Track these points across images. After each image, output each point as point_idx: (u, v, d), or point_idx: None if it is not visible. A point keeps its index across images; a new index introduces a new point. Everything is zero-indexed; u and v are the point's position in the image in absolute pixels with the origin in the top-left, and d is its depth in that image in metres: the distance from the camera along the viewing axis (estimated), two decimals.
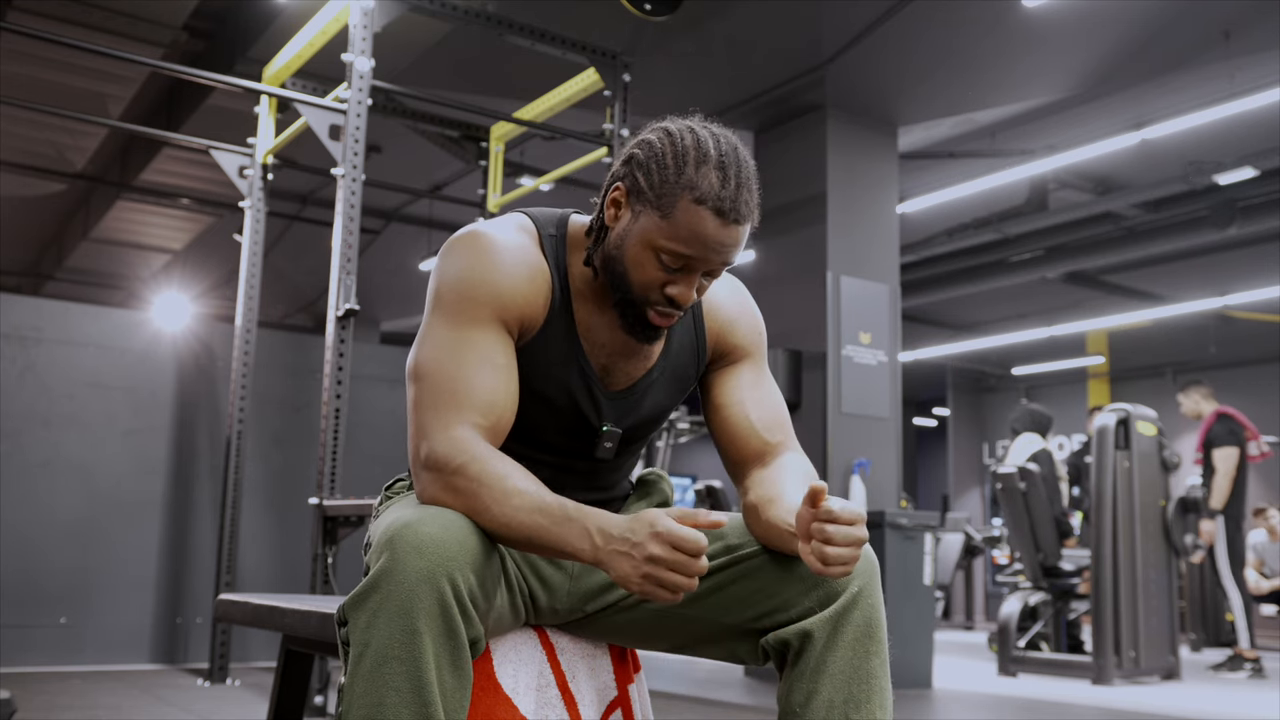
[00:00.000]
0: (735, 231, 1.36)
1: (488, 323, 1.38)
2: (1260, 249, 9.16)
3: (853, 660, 1.35)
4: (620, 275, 1.39)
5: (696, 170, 1.34)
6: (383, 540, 1.26)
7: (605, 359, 1.48)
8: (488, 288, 1.38)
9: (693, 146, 1.36)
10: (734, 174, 1.36)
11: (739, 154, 1.38)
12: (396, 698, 1.21)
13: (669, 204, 1.34)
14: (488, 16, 4.49)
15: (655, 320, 1.41)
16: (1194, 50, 5.87)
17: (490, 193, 5.55)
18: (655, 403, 1.53)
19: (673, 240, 1.34)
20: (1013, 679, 6.06)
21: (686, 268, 1.37)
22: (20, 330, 5.08)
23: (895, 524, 5.55)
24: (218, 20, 6.28)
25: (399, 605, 1.21)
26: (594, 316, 1.46)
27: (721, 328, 1.55)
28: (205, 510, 5.41)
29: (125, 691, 4.31)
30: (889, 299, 6.42)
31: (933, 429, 17.79)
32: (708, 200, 1.33)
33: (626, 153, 1.41)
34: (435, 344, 1.38)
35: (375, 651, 1.21)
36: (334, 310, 3.88)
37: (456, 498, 1.30)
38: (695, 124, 1.40)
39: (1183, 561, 6.65)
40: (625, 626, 1.52)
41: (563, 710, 1.49)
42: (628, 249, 1.38)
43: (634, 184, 1.38)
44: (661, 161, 1.35)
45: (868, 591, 1.38)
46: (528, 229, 1.47)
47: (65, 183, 8.81)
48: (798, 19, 5.57)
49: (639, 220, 1.37)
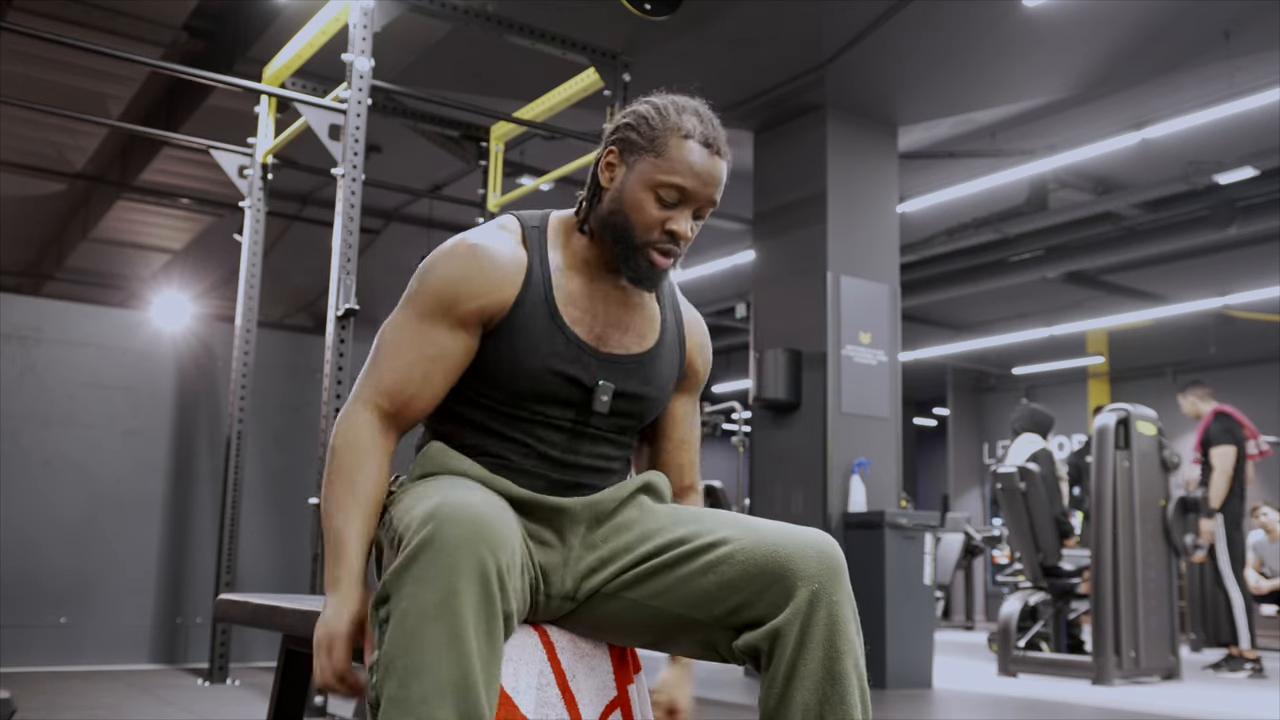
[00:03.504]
0: (718, 163, 1.56)
1: (438, 318, 1.53)
2: (1260, 249, 9.16)
3: (824, 661, 1.38)
4: (621, 224, 1.55)
5: (679, 115, 1.56)
6: (421, 516, 1.33)
7: (600, 329, 1.60)
8: (445, 284, 1.53)
9: (670, 103, 1.59)
10: (708, 118, 1.59)
11: (707, 109, 1.61)
12: (435, 655, 1.25)
13: (661, 144, 1.54)
14: (488, 16, 4.49)
15: (659, 260, 1.55)
16: (1194, 50, 5.87)
17: (490, 193, 5.55)
18: (654, 378, 1.63)
19: (670, 173, 1.53)
20: (1013, 679, 6.06)
21: (682, 200, 1.54)
22: (20, 330, 5.08)
23: (895, 524, 5.56)
24: (218, 20, 6.28)
25: (441, 568, 1.27)
26: (587, 287, 1.60)
27: (694, 348, 1.73)
28: (205, 510, 5.41)
29: (125, 691, 4.31)
30: (889, 299, 6.42)
31: (933, 429, 17.79)
32: (694, 134, 1.55)
33: (612, 128, 1.62)
34: (390, 325, 1.57)
35: (415, 613, 1.27)
36: (334, 310, 3.88)
37: (326, 467, 1.53)
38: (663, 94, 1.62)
39: (1183, 561, 6.66)
40: (609, 620, 1.54)
41: (562, 709, 1.50)
42: (627, 196, 1.55)
43: (626, 143, 1.57)
44: (649, 118, 1.57)
45: (829, 589, 1.42)
46: (509, 226, 1.62)
47: (65, 183, 8.81)
48: (798, 19, 5.57)
49: (635, 169, 1.55)
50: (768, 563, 1.43)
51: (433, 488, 1.45)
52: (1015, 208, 8.57)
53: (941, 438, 16.29)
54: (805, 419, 6.10)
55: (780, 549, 1.44)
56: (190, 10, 6.02)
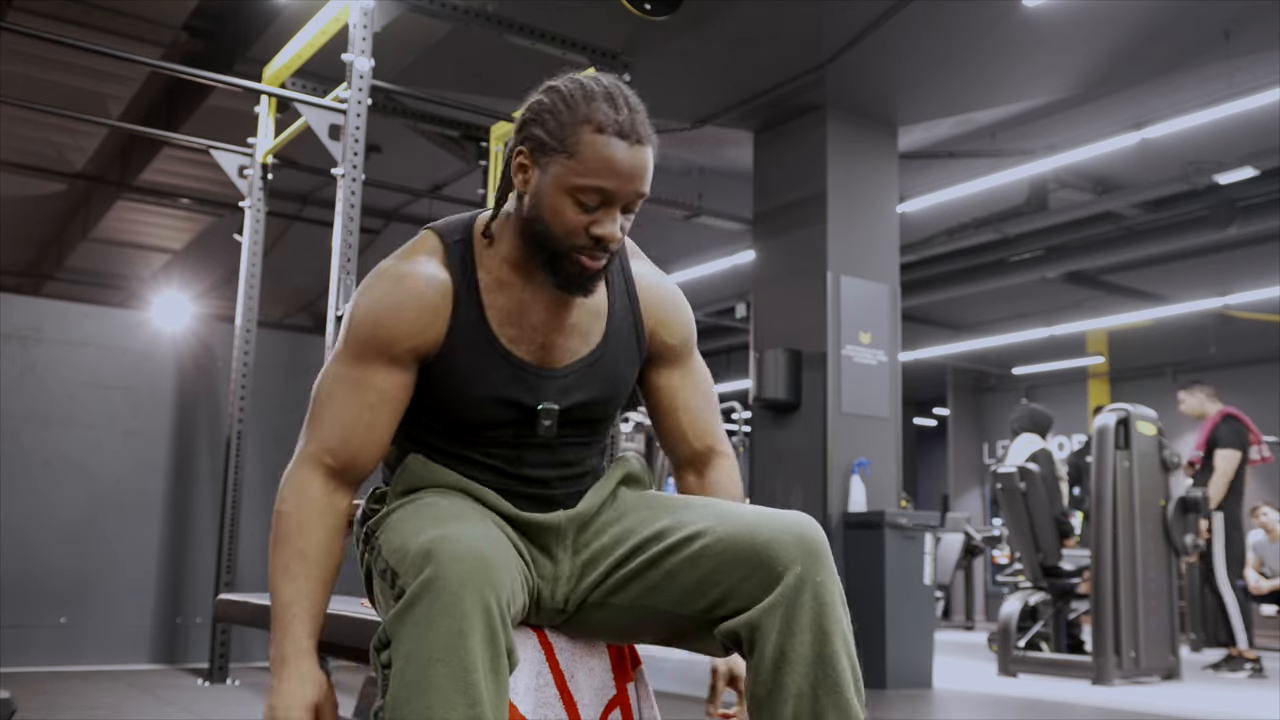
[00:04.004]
0: (641, 153, 1.39)
1: (371, 360, 1.44)
2: (1260, 249, 9.16)
3: (813, 645, 1.34)
4: (543, 232, 1.42)
5: (589, 105, 1.39)
6: (419, 555, 1.28)
7: (543, 338, 1.50)
8: (374, 327, 1.44)
9: (578, 88, 1.41)
10: (624, 101, 1.41)
11: (622, 87, 1.43)
12: (442, 699, 1.21)
13: (573, 142, 1.38)
14: (488, 16, 4.49)
15: (588, 264, 1.42)
16: (1194, 50, 5.87)
17: (490, 192, 5.56)
18: (606, 378, 1.54)
19: (585, 175, 1.38)
20: (1013, 679, 6.06)
21: (605, 202, 1.40)
22: (20, 330, 5.08)
23: (895, 524, 5.56)
24: (218, 20, 6.28)
25: (445, 610, 1.23)
26: (523, 297, 1.49)
27: (657, 322, 1.59)
28: (205, 510, 5.41)
29: (125, 691, 4.31)
30: (889, 299, 6.42)
31: (933, 429, 17.78)
32: (608, 126, 1.37)
33: (518, 121, 1.46)
34: (325, 375, 1.48)
35: (420, 658, 1.22)
36: (334, 310, 3.88)
37: (272, 532, 1.45)
38: (575, 75, 1.45)
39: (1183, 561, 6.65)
40: (602, 626, 1.53)
41: (561, 710, 1.50)
42: (545, 202, 1.41)
43: (535, 141, 1.41)
44: (555, 109, 1.40)
45: (812, 571, 1.37)
46: (431, 246, 1.50)
47: (65, 183, 8.81)
48: (798, 19, 5.56)
49: (548, 171, 1.40)
50: (747, 551, 1.39)
51: (425, 512, 1.40)
52: (1015, 208, 8.56)
53: (941, 438, 16.28)
54: (805, 419, 6.10)
55: (759, 536, 1.39)
56: (190, 10, 6.02)
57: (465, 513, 1.41)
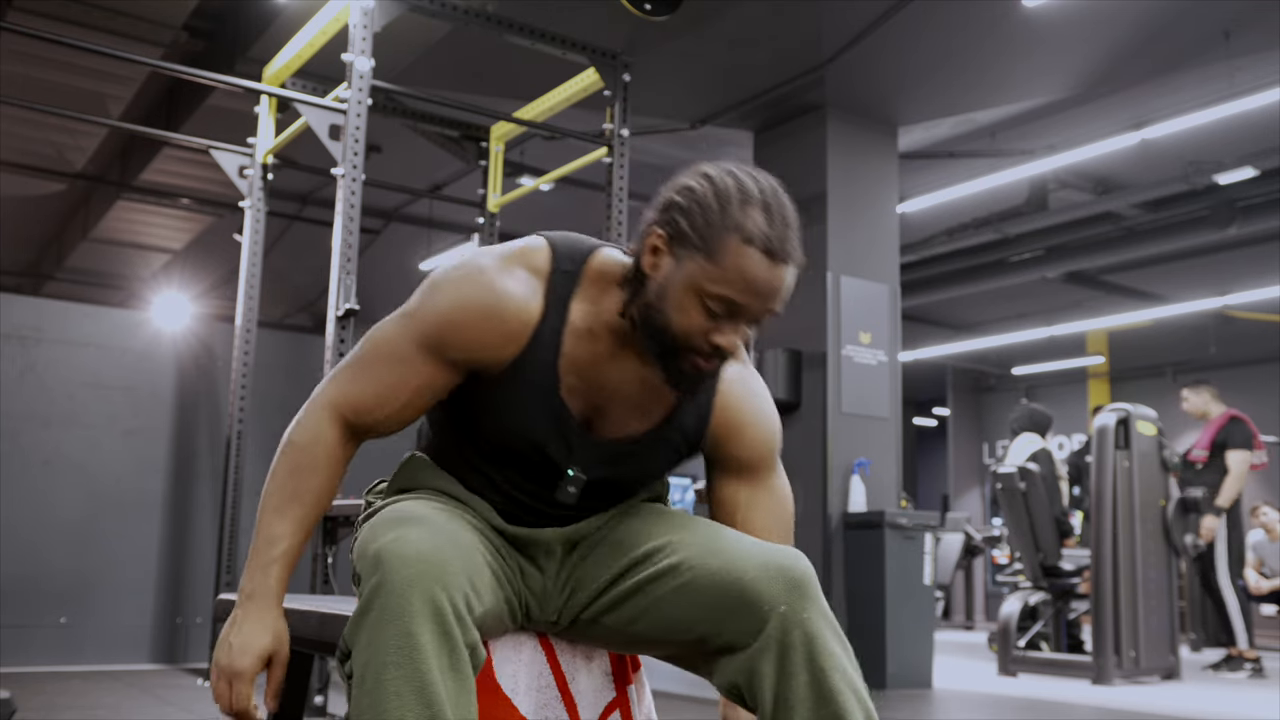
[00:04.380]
0: (784, 272, 1.32)
1: (430, 352, 1.39)
2: (1260, 249, 9.15)
3: (811, 684, 1.32)
4: (661, 325, 1.34)
5: (743, 210, 1.30)
6: (370, 561, 1.28)
7: (603, 401, 1.44)
8: (447, 329, 1.38)
9: (735, 188, 1.32)
10: (779, 214, 1.32)
11: (780, 194, 1.35)
12: (398, 702, 1.20)
13: (716, 246, 1.30)
14: (488, 16, 4.49)
15: (701, 366, 1.36)
16: (1194, 50, 5.87)
17: (490, 193, 5.55)
18: (645, 464, 1.49)
19: (721, 284, 1.30)
20: (1013, 679, 6.06)
21: (733, 314, 1.33)
22: (20, 330, 5.08)
23: (895, 524, 5.56)
24: (218, 20, 6.28)
25: (391, 613, 1.22)
26: (602, 356, 1.41)
27: (728, 429, 1.50)
28: (205, 510, 5.41)
29: (125, 691, 4.31)
30: (889, 299, 6.42)
31: (933, 429, 17.78)
32: (756, 240, 1.29)
33: (664, 199, 1.37)
34: (383, 336, 1.43)
35: (375, 666, 1.22)
36: (334, 310, 3.87)
37: (275, 460, 1.44)
38: (733, 166, 1.36)
39: (1183, 561, 6.65)
40: (597, 640, 1.53)
41: (561, 711, 1.50)
42: (670, 296, 1.33)
43: (675, 229, 1.33)
44: (706, 204, 1.31)
45: (798, 607, 1.34)
46: (538, 264, 1.42)
47: (65, 183, 8.81)
48: (798, 19, 5.56)
49: (683, 266, 1.32)
50: (731, 590, 1.36)
51: (392, 515, 1.39)
52: (1015, 208, 8.56)
53: (941, 438, 16.28)
54: (805, 419, 6.10)
55: (744, 575, 1.36)
56: (190, 10, 6.02)
57: (429, 516, 1.37)
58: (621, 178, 4.63)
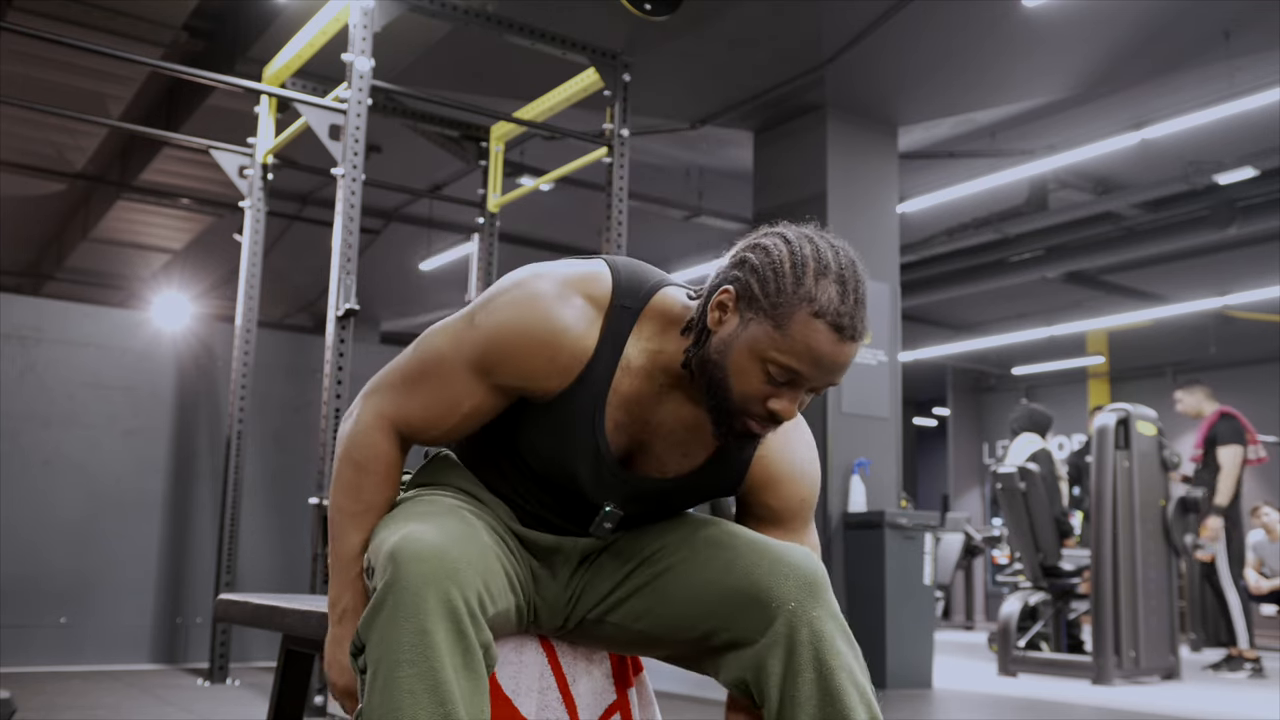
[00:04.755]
0: (851, 349, 1.30)
1: (482, 375, 1.38)
2: (1260, 249, 9.15)
3: (817, 682, 1.32)
4: (719, 382, 1.33)
5: (816, 283, 1.28)
6: (385, 557, 1.27)
7: (644, 439, 1.42)
8: (499, 352, 1.36)
9: (812, 257, 1.30)
10: (853, 289, 1.30)
11: (857, 268, 1.32)
12: (411, 700, 1.20)
13: (785, 315, 1.28)
14: (488, 16, 4.49)
15: (754, 429, 1.35)
16: (1194, 50, 5.87)
17: (490, 193, 5.55)
18: (679, 502, 1.49)
19: (785, 354, 1.28)
20: (1013, 679, 6.06)
21: (793, 383, 1.31)
22: (20, 330, 5.08)
23: (895, 524, 5.56)
24: (218, 20, 6.28)
25: (406, 610, 1.22)
26: (651, 395, 1.40)
27: (767, 478, 1.49)
28: (205, 510, 5.41)
29: (125, 691, 4.31)
30: (889, 299, 6.42)
31: (933, 429, 17.78)
32: (827, 315, 1.27)
33: (738, 255, 1.35)
34: (437, 350, 1.41)
35: (388, 661, 1.22)
36: (334, 310, 3.87)
37: (339, 475, 1.43)
38: (813, 232, 1.34)
39: (1183, 561, 6.65)
40: (602, 641, 1.53)
41: (562, 712, 1.50)
42: (733, 357, 1.31)
43: (746, 289, 1.31)
44: (779, 269, 1.29)
45: (808, 605, 1.35)
46: (598, 294, 1.38)
47: (65, 183, 8.81)
48: (798, 19, 5.56)
49: (749, 328, 1.30)
50: (742, 585, 1.37)
51: (409, 510, 1.40)
52: (1015, 208, 8.56)
53: (941, 438, 16.28)
54: (805, 419, 6.09)
55: (754, 571, 1.37)
56: (190, 10, 6.01)
57: (447, 514, 1.38)
58: (621, 178, 4.63)
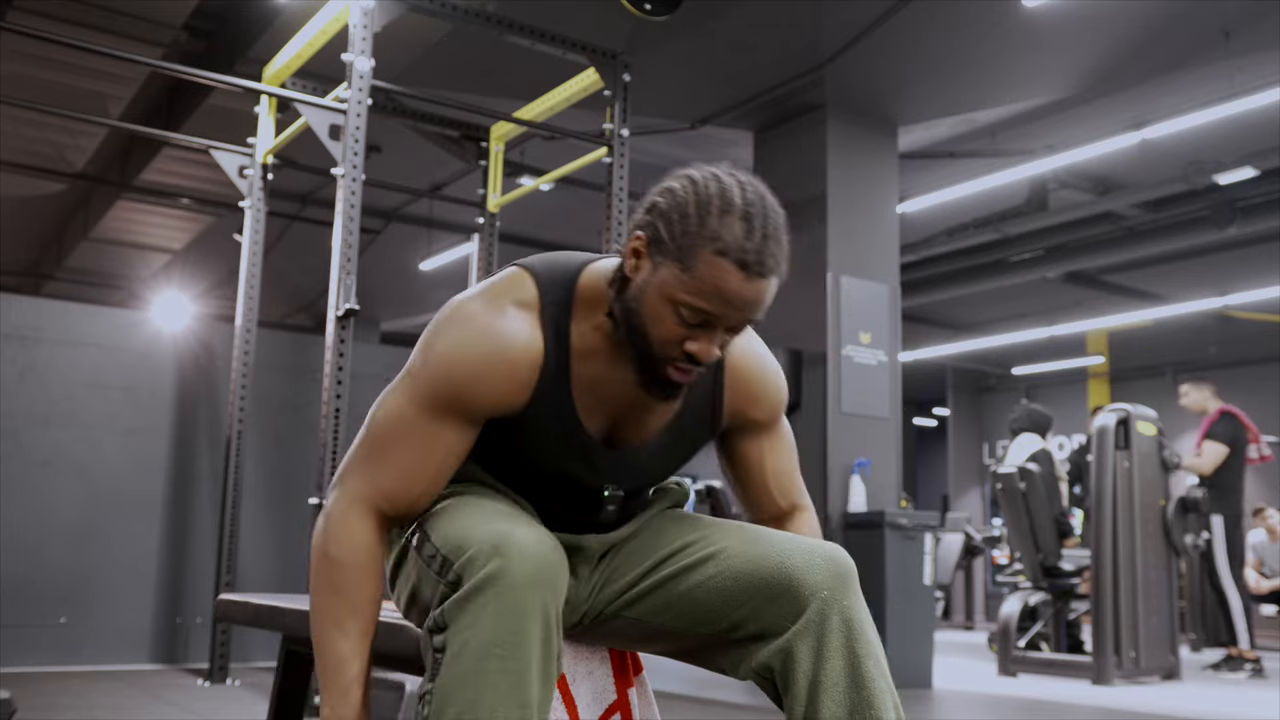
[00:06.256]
0: (760, 286, 1.29)
1: (445, 416, 1.36)
2: (1260, 249, 9.16)
3: (846, 670, 1.32)
4: (638, 329, 1.33)
5: (720, 220, 1.27)
6: (486, 546, 1.26)
7: (619, 411, 1.43)
8: (455, 383, 1.35)
9: (717, 195, 1.29)
10: (760, 224, 1.28)
11: (766, 202, 1.31)
12: (495, 695, 1.21)
13: (691, 256, 1.27)
14: (488, 16, 4.49)
15: (675, 376, 1.35)
16: (1194, 50, 5.87)
17: (490, 193, 5.55)
18: (663, 462, 1.50)
19: (694, 295, 1.28)
20: (1013, 679, 6.06)
21: (707, 324, 1.31)
22: (20, 330, 5.08)
23: (895, 524, 5.56)
24: (218, 20, 6.28)
25: (509, 607, 1.22)
26: (607, 372, 1.40)
27: (743, 403, 1.51)
28: (205, 510, 5.41)
29: (125, 691, 4.31)
30: (889, 299, 6.42)
31: (933, 429, 17.79)
32: (732, 252, 1.26)
33: (649, 200, 1.35)
34: (393, 410, 1.38)
35: (476, 649, 1.22)
36: (334, 310, 3.87)
37: (316, 573, 1.36)
38: (721, 171, 1.33)
39: (1183, 561, 6.65)
40: (612, 636, 1.53)
41: (562, 712, 1.50)
42: (646, 302, 1.31)
43: (655, 233, 1.31)
44: (683, 210, 1.29)
45: (840, 594, 1.35)
46: (526, 298, 1.39)
47: (65, 183, 8.80)
48: (798, 19, 5.56)
49: (659, 272, 1.30)
50: (773, 575, 1.37)
51: (482, 505, 1.38)
52: (1015, 208, 8.57)
53: (941, 438, 16.29)
54: (805, 419, 6.10)
55: (786, 560, 1.37)
56: (190, 10, 6.02)
57: (521, 513, 1.39)
58: (621, 178, 4.64)
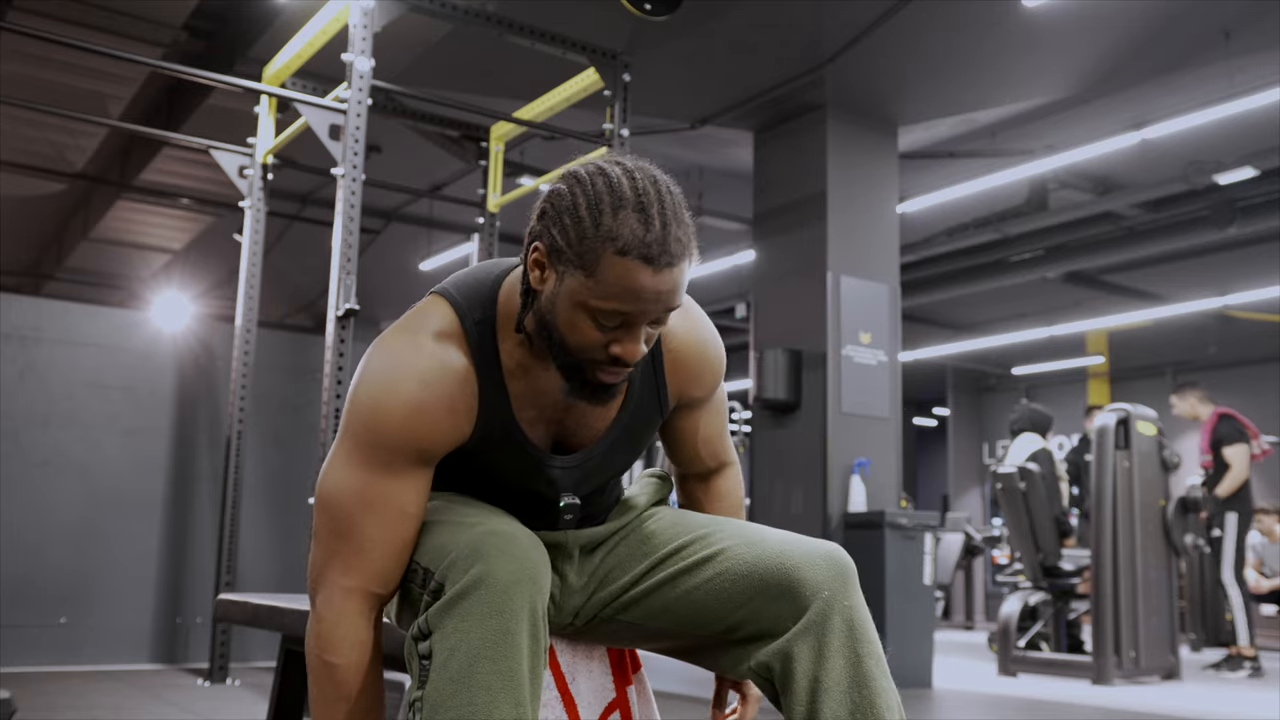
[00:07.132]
0: (670, 275, 1.22)
1: (399, 466, 1.31)
2: (1260, 249, 9.16)
3: (847, 669, 1.31)
4: (557, 341, 1.28)
5: (614, 218, 1.20)
6: (467, 550, 1.25)
7: (563, 418, 1.41)
8: (396, 431, 1.29)
9: (606, 191, 1.22)
10: (656, 212, 1.22)
11: (659, 186, 1.25)
12: (488, 697, 1.20)
13: (592, 261, 1.21)
14: (488, 16, 4.49)
15: (605, 379, 1.30)
16: (1194, 50, 5.87)
17: (490, 193, 5.55)
18: (619, 456, 1.48)
19: (605, 299, 1.22)
20: (1013, 679, 6.06)
21: (627, 323, 1.25)
22: (20, 330, 5.08)
23: (895, 524, 5.56)
24: (218, 20, 6.28)
25: (493, 607, 1.22)
26: (544, 382, 1.37)
27: (684, 383, 1.48)
28: (205, 510, 5.41)
29: (125, 691, 4.31)
30: (889, 299, 6.42)
31: (933, 429, 17.79)
32: (633, 250, 1.20)
33: (539, 206, 1.28)
34: (342, 478, 1.32)
35: (466, 653, 1.21)
36: (334, 310, 3.87)
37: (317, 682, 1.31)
38: (607, 163, 1.28)
39: (1183, 561, 6.65)
40: (608, 639, 1.53)
41: (561, 711, 1.50)
42: (559, 313, 1.26)
43: (552, 242, 1.24)
44: (575, 214, 1.22)
45: (841, 595, 1.34)
46: (448, 326, 1.34)
47: (65, 183, 8.81)
48: (798, 19, 5.56)
49: (565, 281, 1.24)
50: (773, 576, 1.35)
51: (459, 511, 1.37)
52: (1015, 208, 8.57)
53: (941, 438, 16.28)
54: (805, 419, 6.10)
55: (786, 560, 1.36)
56: (190, 10, 6.02)
57: (497, 513, 1.38)
58: None
